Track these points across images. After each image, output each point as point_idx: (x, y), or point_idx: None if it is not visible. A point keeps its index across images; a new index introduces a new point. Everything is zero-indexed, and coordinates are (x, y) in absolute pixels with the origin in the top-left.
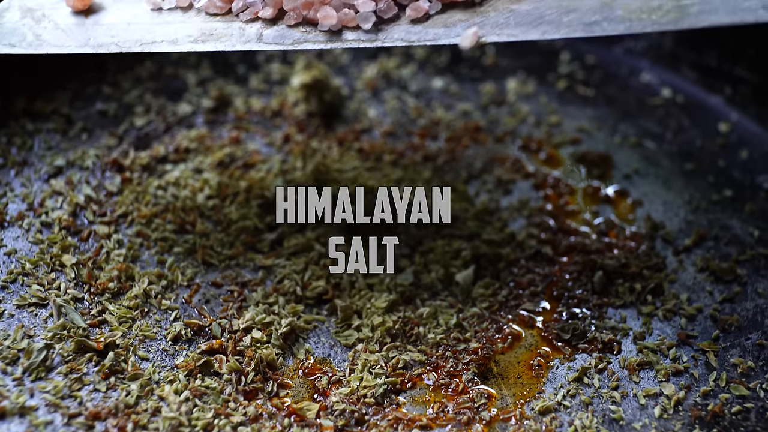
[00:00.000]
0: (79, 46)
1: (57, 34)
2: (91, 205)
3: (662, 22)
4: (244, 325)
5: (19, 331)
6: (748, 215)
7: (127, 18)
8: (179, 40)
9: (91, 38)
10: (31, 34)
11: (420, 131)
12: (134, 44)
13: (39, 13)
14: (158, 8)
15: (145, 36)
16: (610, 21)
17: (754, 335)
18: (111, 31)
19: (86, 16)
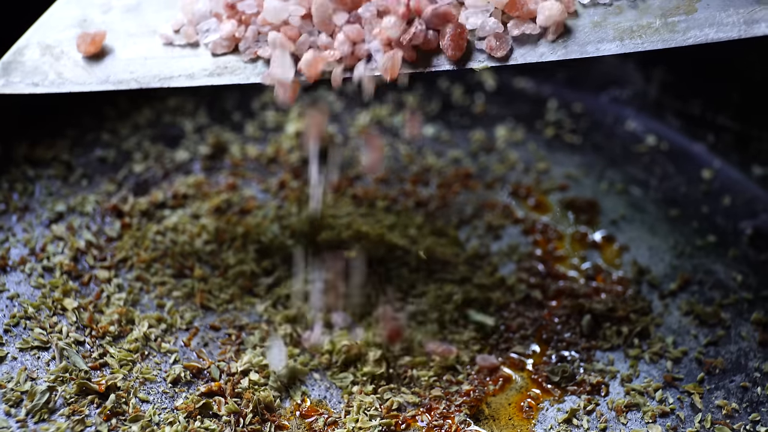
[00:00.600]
0: (100, 83)
1: (78, 72)
2: (91, 250)
3: (653, 40)
4: (242, 368)
5: (22, 374)
6: (731, 260)
7: (143, 53)
8: (195, 74)
9: (111, 75)
10: (53, 73)
11: (412, 177)
12: (153, 79)
13: (58, 50)
14: (170, 42)
15: (162, 71)
16: (602, 41)
17: (737, 378)
18: (129, 67)
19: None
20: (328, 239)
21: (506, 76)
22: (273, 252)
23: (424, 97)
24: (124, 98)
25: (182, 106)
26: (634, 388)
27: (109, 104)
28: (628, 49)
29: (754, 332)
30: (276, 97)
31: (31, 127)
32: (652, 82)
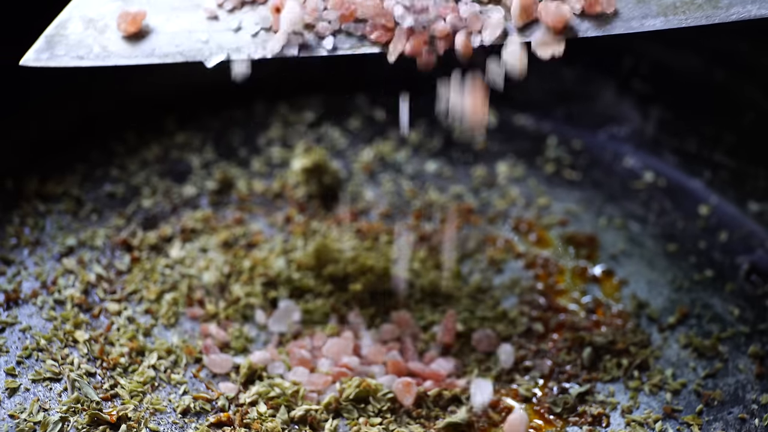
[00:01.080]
0: (145, 56)
1: (123, 45)
2: (101, 283)
3: (697, 16)
4: (250, 399)
5: (35, 405)
6: (728, 294)
7: (187, 26)
8: (242, 47)
9: (156, 48)
10: (98, 46)
11: (415, 212)
12: (198, 53)
13: (101, 24)
14: (215, 16)
15: (208, 44)
16: (646, 17)
17: (735, 409)
18: (174, 41)
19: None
20: (333, 273)
21: (507, 113)
22: (279, 285)
23: (426, 133)
24: (133, 134)
25: (190, 142)
26: (635, 419)
27: (118, 140)
28: (672, 25)
29: (752, 365)
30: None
31: (41, 163)
32: (649, 119)
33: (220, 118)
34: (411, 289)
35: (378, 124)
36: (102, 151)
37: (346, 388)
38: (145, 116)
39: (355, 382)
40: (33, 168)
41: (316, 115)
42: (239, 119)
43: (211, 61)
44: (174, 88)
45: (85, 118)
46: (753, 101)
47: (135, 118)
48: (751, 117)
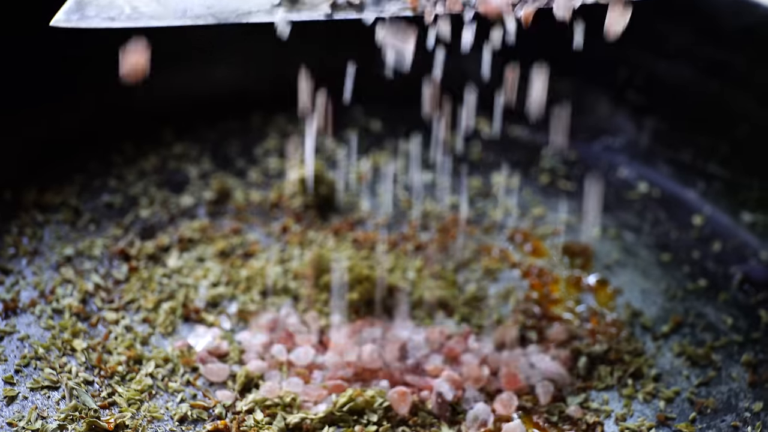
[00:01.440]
0: (176, 17)
1: (154, 6)
2: (99, 292)
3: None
4: (247, 407)
5: (33, 413)
6: (721, 304)
7: None
8: (274, 9)
9: (188, 10)
10: (129, 7)
11: (411, 222)
12: (231, 15)
13: None
14: None
15: (240, 6)
16: None
17: (728, 417)
18: (207, 2)
19: None
20: (330, 282)
21: (503, 124)
22: (276, 294)
23: (422, 144)
24: (131, 145)
25: (187, 153)
26: (628, 427)
27: (116, 151)
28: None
29: (744, 373)
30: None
31: (39, 174)
32: (643, 130)
33: (217, 129)
34: (408, 297)
35: (374, 135)
36: (100, 162)
37: (341, 398)
38: (143, 127)
39: (350, 392)
40: (31, 179)
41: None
42: (236, 130)
43: (248, 19)
44: (172, 99)
45: (83, 130)
46: (746, 112)
47: (133, 129)
48: (744, 128)
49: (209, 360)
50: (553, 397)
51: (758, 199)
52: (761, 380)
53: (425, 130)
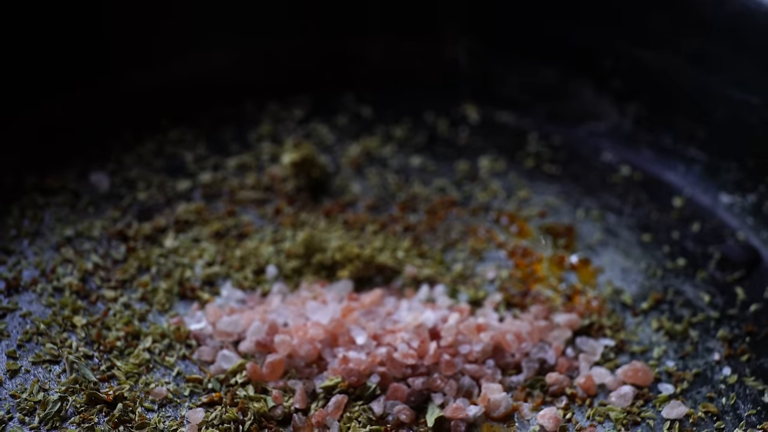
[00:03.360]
0: None
1: None
2: (98, 271)
3: None
4: (242, 380)
5: (35, 385)
6: (700, 282)
7: None
8: None
9: None
10: None
11: (400, 205)
12: None
13: None
14: None
15: None
16: None
17: (704, 389)
18: None
19: None
20: (321, 261)
21: (489, 110)
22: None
23: (411, 129)
24: (128, 131)
25: (183, 138)
26: (609, 400)
27: (114, 137)
28: None
29: (721, 347)
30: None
31: (40, 159)
32: (626, 116)
33: (211, 115)
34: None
35: (364, 120)
36: (99, 148)
37: (329, 382)
38: (140, 114)
39: (339, 379)
40: (32, 163)
41: (304, 112)
42: (230, 116)
43: None
44: (168, 87)
45: (82, 116)
46: (725, 98)
47: (130, 115)
48: (722, 113)
49: (203, 338)
50: (536, 372)
51: (736, 182)
52: (736, 354)
53: (414, 115)
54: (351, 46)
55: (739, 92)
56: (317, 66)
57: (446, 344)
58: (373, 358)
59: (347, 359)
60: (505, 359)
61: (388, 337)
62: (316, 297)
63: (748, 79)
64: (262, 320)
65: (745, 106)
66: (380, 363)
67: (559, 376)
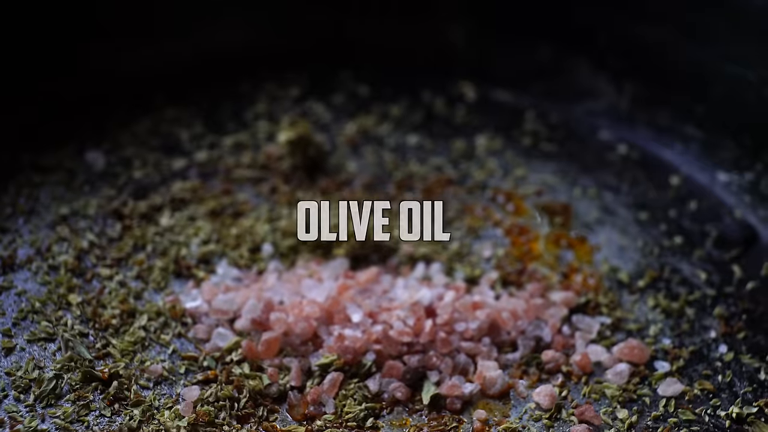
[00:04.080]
0: None
1: None
2: (94, 249)
3: None
4: (237, 358)
5: (30, 363)
6: (696, 260)
7: None
8: None
9: None
10: None
11: (396, 183)
12: None
13: None
14: None
15: None
16: None
17: (700, 366)
18: None
19: None
20: (317, 239)
21: (486, 89)
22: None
23: (408, 108)
24: (124, 109)
25: (179, 117)
26: (605, 378)
27: (109, 115)
28: None
29: (717, 325)
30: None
31: (35, 137)
32: (624, 94)
33: (207, 94)
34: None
35: (361, 99)
36: (94, 126)
37: (324, 360)
38: (136, 92)
39: (334, 356)
40: (28, 142)
41: (301, 91)
42: (226, 95)
43: None
44: (164, 65)
45: (78, 95)
46: (722, 76)
47: (126, 94)
48: (720, 90)
49: (198, 316)
50: (532, 350)
51: (733, 160)
52: (733, 332)
53: (411, 94)
54: (348, 24)
55: (737, 69)
56: (314, 44)
57: (442, 322)
58: (368, 335)
59: (343, 337)
60: (501, 337)
61: (384, 315)
62: (312, 275)
63: (745, 55)
64: (258, 298)
65: (742, 83)
66: (376, 341)
67: (555, 354)
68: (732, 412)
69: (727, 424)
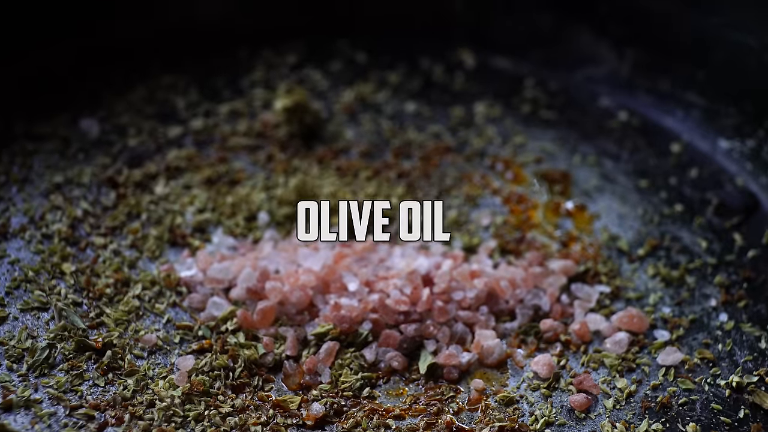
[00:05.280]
0: None
1: None
2: (88, 218)
3: None
4: (232, 327)
5: (23, 332)
6: (697, 228)
7: None
8: None
9: None
10: None
11: (394, 151)
12: None
13: None
14: None
15: None
16: None
17: (700, 335)
18: None
19: None
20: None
21: (485, 56)
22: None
23: (406, 75)
24: (119, 77)
25: (175, 84)
26: (604, 347)
27: (104, 82)
28: None
29: (717, 294)
30: None
31: (29, 105)
32: (624, 61)
33: (204, 62)
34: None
35: (359, 66)
36: (89, 94)
37: (320, 329)
38: (131, 60)
39: (330, 326)
40: (22, 109)
41: (298, 58)
42: (223, 63)
43: None
44: (160, 32)
45: (72, 62)
46: (722, 41)
47: (121, 61)
48: (721, 56)
49: (193, 285)
50: (530, 319)
51: (734, 127)
52: (733, 300)
53: (409, 61)
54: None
55: (738, 35)
56: (311, 12)
57: (439, 291)
58: (365, 304)
59: (339, 306)
60: (498, 306)
61: (381, 284)
62: (308, 244)
63: (746, 21)
64: (253, 267)
65: (744, 49)
66: (372, 310)
67: (553, 323)
68: (732, 381)
69: (727, 393)
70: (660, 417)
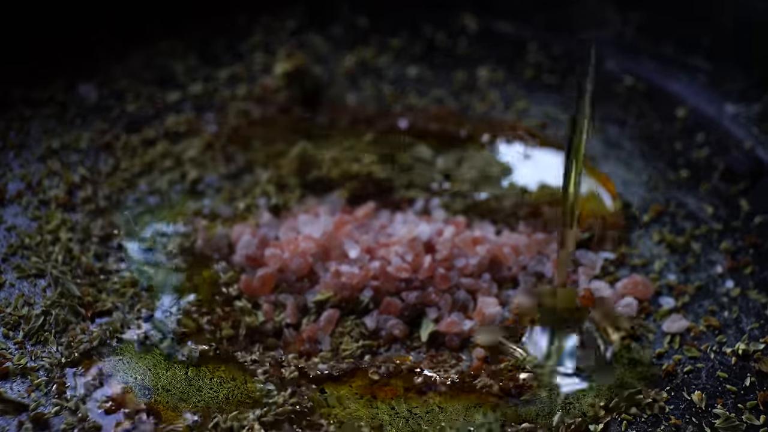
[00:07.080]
0: None
1: None
2: (85, 184)
3: None
4: (234, 293)
5: (20, 300)
6: (703, 193)
7: None
8: None
9: None
10: None
11: (396, 115)
12: None
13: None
14: None
15: None
16: None
17: (706, 302)
18: None
19: None
20: (317, 177)
21: (488, 20)
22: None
23: (408, 39)
24: (117, 41)
25: (173, 49)
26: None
27: (102, 47)
28: None
29: (723, 260)
30: None
31: (26, 70)
32: (629, 24)
33: (203, 26)
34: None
35: (360, 30)
36: (87, 59)
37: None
38: (130, 25)
39: (331, 293)
40: (18, 74)
41: (298, 23)
42: (222, 27)
43: None
44: None
45: (70, 27)
46: (729, 3)
47: (119, 26)
48: (727, 19)
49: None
50: (533, 286)
51: (741, 91)
52: (739, 267)
53: (411, 25)
54: None
55: None
56: None
57: (441, 258)
58: (366, 272)
59: (339, 273)
60: (501, 273)
61: (382, 251)
62: (309, 210)
63: None
64: (253, 234)
65: (750, 12)
66: (373, 277)
67: None
68: (738, 349)
69: (733, 361)
70: (665, 385)
